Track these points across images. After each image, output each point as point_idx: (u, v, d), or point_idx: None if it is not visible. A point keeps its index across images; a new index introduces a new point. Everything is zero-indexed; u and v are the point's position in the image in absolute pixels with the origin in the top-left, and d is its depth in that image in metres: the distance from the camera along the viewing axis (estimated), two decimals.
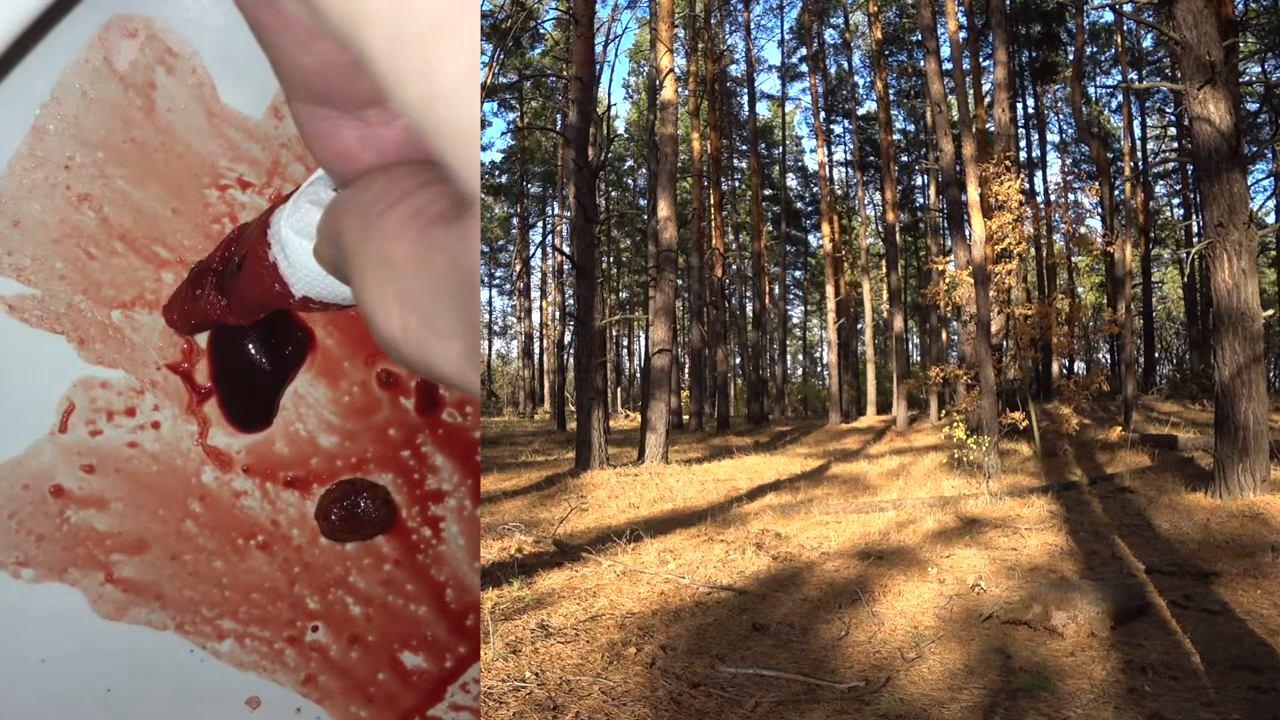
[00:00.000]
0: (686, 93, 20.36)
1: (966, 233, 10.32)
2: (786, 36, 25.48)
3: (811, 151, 37.38)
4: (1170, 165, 22.56)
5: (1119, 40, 21.04)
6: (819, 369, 38.47)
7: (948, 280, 11.56)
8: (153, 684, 1.50)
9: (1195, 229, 18.30)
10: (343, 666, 1.54)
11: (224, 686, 1.52)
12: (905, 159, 26.10)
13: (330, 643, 1.54)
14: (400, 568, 1.56)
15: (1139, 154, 22.11)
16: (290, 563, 1.54)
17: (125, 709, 1.49)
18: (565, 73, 14.37)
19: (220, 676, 1.52)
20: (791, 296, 35.46)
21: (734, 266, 27.15)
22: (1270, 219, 17.50)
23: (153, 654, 1.51)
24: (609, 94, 30.32)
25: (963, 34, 15.65)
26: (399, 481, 1.56)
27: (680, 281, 20.07)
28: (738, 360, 27.11)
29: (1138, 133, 22.33)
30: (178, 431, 1.55)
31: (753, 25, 24.51)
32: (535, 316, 29.49)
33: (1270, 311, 7.10)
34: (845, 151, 27.59)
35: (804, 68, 24.88)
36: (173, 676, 1.51)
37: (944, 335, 21.19)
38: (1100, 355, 25.72)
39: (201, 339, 1.56)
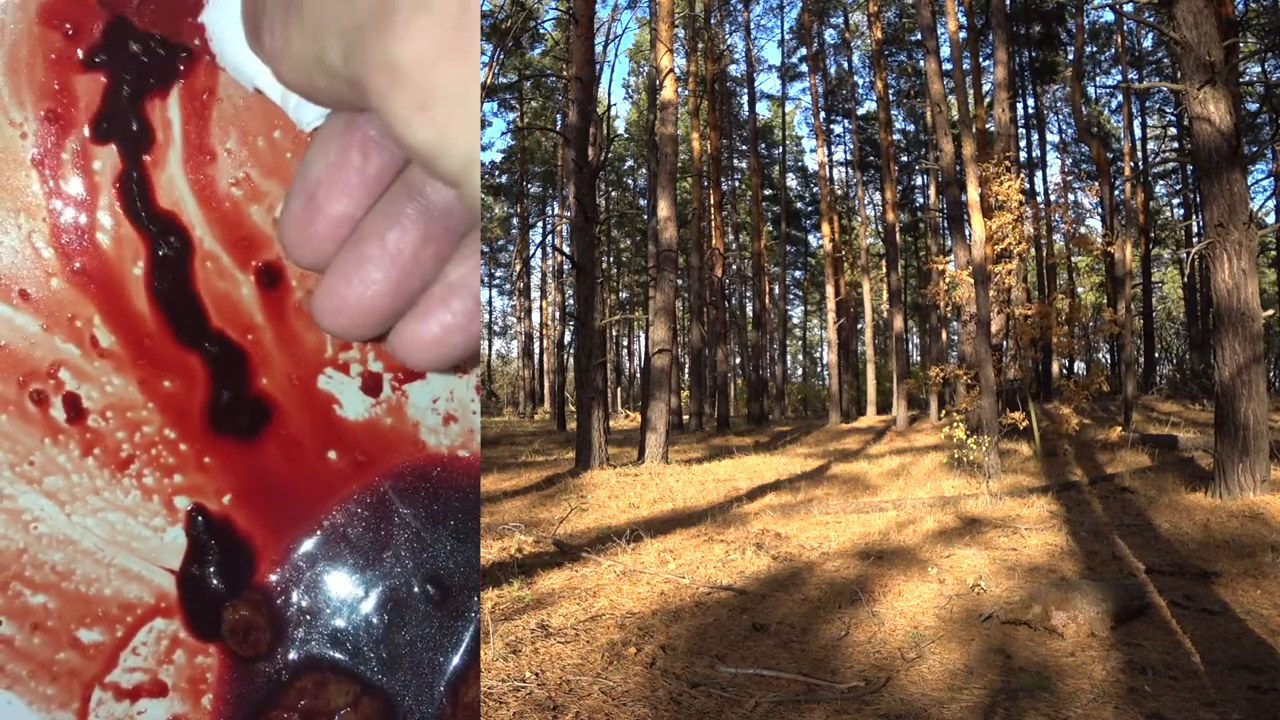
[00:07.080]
0: (686, 93, 20.36)
1: (966, 233, 10.33)
2: (786, 36, 25.50)
3: (811, 151, 37.30)
4: (1170, 165, 22.57)
5: (1119, 40, 21.05)
6: (819, 369, 38.50)
7: (948, 280, 11.56)
8: None
9: (1195, 229, 18.31)
10: (27, 652, 1.66)
11: None
12: (905, 159, 26.09)
13: (14, 634, 1.67)
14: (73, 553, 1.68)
15: (1139, 154, 22.12)
16: None
17: None
18: (565, 73, 14.38)
19: None
20: (791, 296, 35.49)
21: (734, 266, 27.15)
22: (1270, 219, 17.51)
23: None
24: (609, 94, 30.20)
25: (963, 34, 15.66)
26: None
27: (680, 281, 20.07)
28: (738, 360, 27.11)
29: (1138, 133, 22.36)
30: None
31: (753, 25, 24.55)
32: (535, 316, 29.51)
33: (1270, 311, 7.10)
34: (845, 151, 27.61)
35: (804, 68, 24.91)
36: None
37: (944, 335, 21.18)
38: (1100, 355, 25.73)
39: None
